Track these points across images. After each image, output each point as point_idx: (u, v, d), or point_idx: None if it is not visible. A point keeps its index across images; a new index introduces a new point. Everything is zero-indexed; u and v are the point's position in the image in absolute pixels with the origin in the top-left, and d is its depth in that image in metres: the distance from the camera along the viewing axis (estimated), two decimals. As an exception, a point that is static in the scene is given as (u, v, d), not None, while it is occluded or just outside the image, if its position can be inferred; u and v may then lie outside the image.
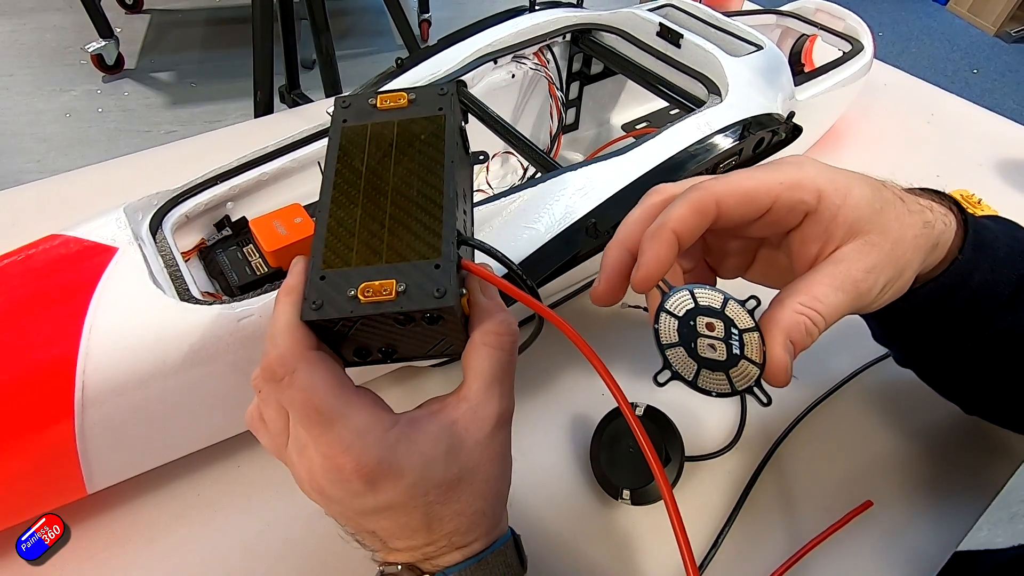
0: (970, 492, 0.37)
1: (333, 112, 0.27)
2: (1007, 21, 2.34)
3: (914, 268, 0.27)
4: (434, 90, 0.27)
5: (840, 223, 0.25)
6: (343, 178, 0.25)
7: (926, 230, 0.26)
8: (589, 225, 0.35)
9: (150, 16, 2.15)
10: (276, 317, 0.22)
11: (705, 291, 0.25)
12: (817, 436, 0.39)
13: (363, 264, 0.23)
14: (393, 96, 0.27)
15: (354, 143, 0.26)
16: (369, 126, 0.27)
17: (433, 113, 0.27)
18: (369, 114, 0.27)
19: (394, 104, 0.27)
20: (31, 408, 0.26)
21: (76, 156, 1.66)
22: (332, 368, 0.22)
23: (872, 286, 0.25)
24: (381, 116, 0.27)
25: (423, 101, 0.27)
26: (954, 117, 0.66)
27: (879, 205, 0.25)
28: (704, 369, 0.24)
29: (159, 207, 0.34)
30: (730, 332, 0.24)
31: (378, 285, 0.22)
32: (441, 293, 0.22)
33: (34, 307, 0.27)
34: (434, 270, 0.22)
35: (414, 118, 0.27)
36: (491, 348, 0.23)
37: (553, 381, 0.41)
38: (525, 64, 0.49)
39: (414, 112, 0.27)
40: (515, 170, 0.54)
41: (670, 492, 0.24)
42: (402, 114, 0.27)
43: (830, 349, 0.44)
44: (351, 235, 0.23)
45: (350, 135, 0.27)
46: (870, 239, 0.25)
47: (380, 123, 0.27)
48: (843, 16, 0.58)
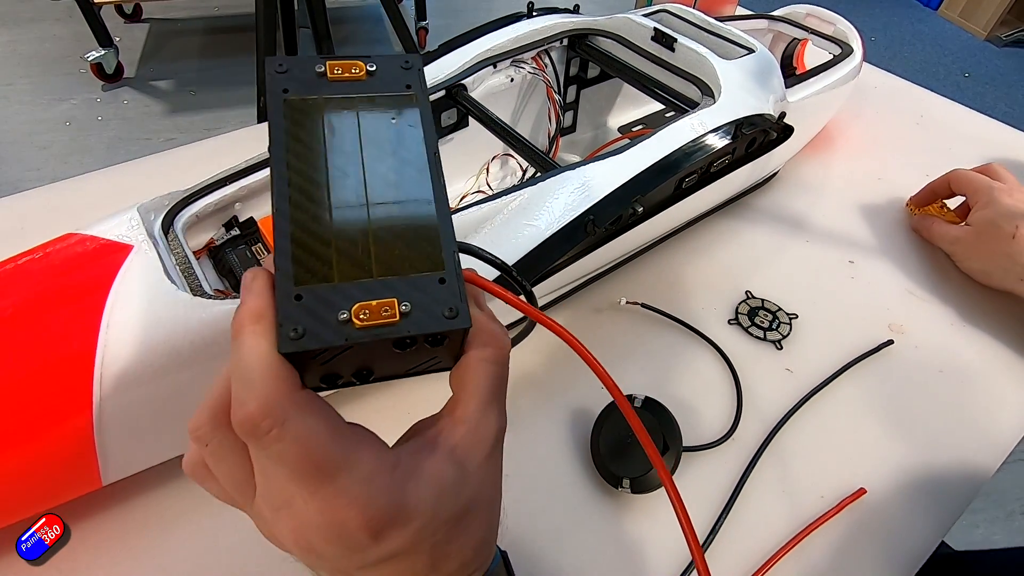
0: (961, 479, 0.38)
1: (267, 79, 0.22)
2: (997, 25, 2.38)
3: (1007, 287, 0.45)
4: (397, 62, 0.23)
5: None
6: (300, 172, 0.20)
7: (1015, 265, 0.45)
8: (588, 222, 0.36)
9: (149, 25, 2.16)
10: (243, 352, 0.18)
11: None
12: (812, 426, 0.40)
13: (349, 279, 0.19)
14: (345, 64, 0.22)
15: (304, 125, 0.21)
16: (323, 102, 0.22)
17: (401, 92, 0.23)
18: (317, 85, 0.22)
19: (349, 75, 0.22)
20: (51, 401, 0.27)
21: (76, 164, 1.67)
22: (324, 410, 0.19)
23: (952, 251, 0.48)
24: (334, 90, 0.22)
25: (385, 74, 0.23)
26: (943, 119, 0.68)
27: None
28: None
29: (171, 207, 0.35)
30: None
31: (376, 306, 0.18)
32: (453, 313, 0.19)
33: (54, 302, 0.28)
34: (439, 285, 0.19)
35: (377, 96, 0.22)
36: (489, 364, 0.21)
37: (553, 374, 0.42)
38: (524, 68, 0.50)
39: (375, 87, 0.22)
40: (514, 172, 0.55)
41: (669, 478, 0.24)
42: (361, 89, 0.22)
43: (825, 340, 0.45)
44: (324, 244, 0.19)
45: (298, 113, 0.21)
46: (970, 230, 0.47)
47: (336, 99, 0.22)
48: (833, 21, 0.60)
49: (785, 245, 0.52)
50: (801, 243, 0.52)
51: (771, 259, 0.51)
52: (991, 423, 0.41)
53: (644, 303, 0.46)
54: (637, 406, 0.37)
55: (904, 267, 0.51)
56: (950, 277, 0.50)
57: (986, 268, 0.47)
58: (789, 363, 0.43)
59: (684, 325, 0.45)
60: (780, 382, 0.42)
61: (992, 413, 0.41)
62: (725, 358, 0.43)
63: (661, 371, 0.43)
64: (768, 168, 0.55)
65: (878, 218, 0.55)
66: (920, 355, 0.44)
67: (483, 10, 2.39)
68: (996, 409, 0.41)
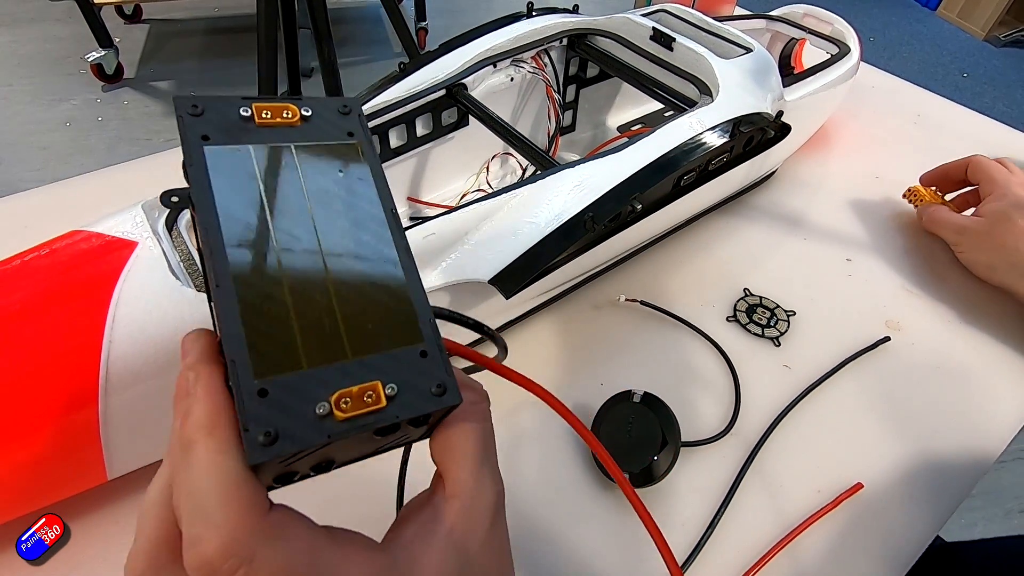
0: (957, 474, 0.38)
1: (180, 124, 0.18)
2: (995, 26, 2.38)
3: (1008, 284, 0.45)
4: (334, 105, 0.20)
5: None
6: (239, 240, 0.17)
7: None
8: (587, 219, 0.36)
9: (149, 26, 2.17)
10: (197, 474, 0.14)
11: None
12: (809, 421, 0.40)
13: (321, 363, 0.16)
14: (275, 108, 0.19)
15: (235, 181, 0.18)
16: (253, 152, 0.18)
17: (342, 140, 0.20)
18: (243, 132, 0.19)
19: (280, 120, 0.19)
20: (58, 395, 0.27)
21: (76, 164, 1.68)
22: (299, 528, 0.16)
23: (955, 242, 0.49)
24: (263, 137, 0.19)
25: (322, 120, 0.20)
26: (940, 118, 0.68)
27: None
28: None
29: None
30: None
31: (358, 392, 0.16)
32: (441, 389, 0.17)
33: (60, 298, 0.28)
34: (421, 359, 0.17)
35: (316, 145, 0.19)
36: (472, 424, 0.19)
37: (553, 372, 0.42)
38: (523, 68, 0.50)
39: (312, 135, 0.20)
40: (514, 170, 0.55)
41: (634, 493, 0.24)
42: (295, 136, 0.19)
43: (822, 337, 0.45)
44: (284, 324, 0.16)
45: (225, 166, 0.18)
46: (982, 220, 0.46)
47: (270, 149, 0.19)
48: (830, 20, 0.60)
49: (783, 243, 0.53)
50: (799, 241, 0.53)
51: (769, 257, 0.51)
52: (987, 419, 0.41)
53: (643, 300, 0.46)
54: (636, 401, 0.37)
55: (901, 265, 0.51)
56: (947, 275, 0.50)
57: (992, 261, 0.46)
58: (787, 359, 0.44)
59: (682, 322, 0.45)
60: (778, 378, 0.43)
61: (988, 409, 0.42)
62: (723, 354, 0.43)
63: (660, 367, 0.43)
64: (766, 166, 0.55)
65: (875, 216, 0.56)
66: (917, 352, 0.45)
67: (482, 10, 2.40)
68: (992, 405, 0.42)
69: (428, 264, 0.35)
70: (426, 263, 0.35)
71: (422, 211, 0.51)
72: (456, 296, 0.37)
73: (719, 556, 0.34)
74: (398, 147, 0.46)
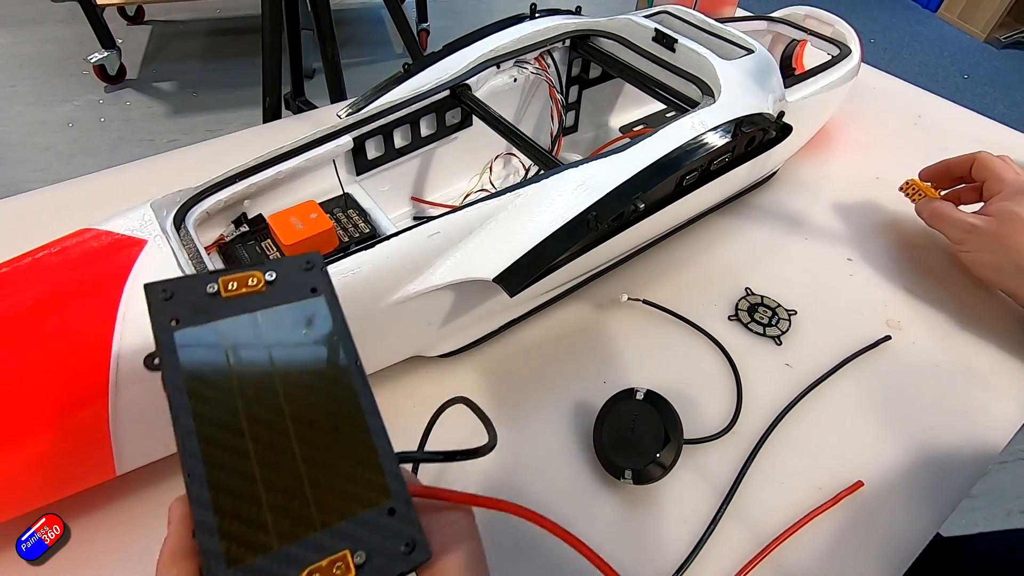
0: (956, 473, 0.38)
1: (151, 310, 0.20)
2: (996, 27, 2.39)
3: (1009, 289, 0.44)
4: (298, 264, 0.21)
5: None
6: (208, 420, 0.18)
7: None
8: (590, 218, 0.36)
9: (151, 27, 2.18)
10: None
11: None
12: (811, 419, 0.41)
13: (291, 541, 0.16)
14: (240, 278, 0.20)
15: (204, 359, 0.19)
16: (220, 328, 0.19)
17: (307, 298, 0.20)
18: (211, 308, 0.19)
19: (246, 289, 0.20)
20: (69, 389, 0.28)
21: (78, 165, 1.68)
22: None
23: (961, 239, 0.45)
24: (231, 309, 0.20)
25: (286, 280, 0.21)
26: (940, 119, 0.69)
27: None
28: None
29: (182, 204, 0.35)
30: None
31: (327, 565, 0.16)
32: (410, 546, 0.17)
33: (72, 294, 0.28)
34: (389, 517, 0.17)
35: (283, 308, 0.20)
36: (457, 552, 0.19)
37: (557, 372, 0.43)
38: (526, 69, 0.51)
39: (278, 297, 0.20)
40: (517, 170, 0.56)
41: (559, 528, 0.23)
42: (262, 302, 0.20)
43: (824, 336, 0.45)
44: (255, 504, 0.17)
45: (193, 346, 0.19)
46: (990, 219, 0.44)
47: (236, 321, 0.20)
48: (831, 22, 0.60)
49: (784, 243, 0.53)
50: (800, 241, 0.53)
51: (770, 256, 0.52)
52: (987, 418, 0.41)
53: (646, 299, 0.47)
54: (639, 399, 0.37)
55: (901, 265, 0.51)
56: (947, 275, 0.51)
57: (998, 263, 0.44)
58: (788, 358, 0.44)
59: (685, 321, 0.46)
60: (779, 377, 0.43)
61: (988, 408, 0.42)
62: (725, 353, 0.44)
63: (663, 366, 0.43)
64: (767, 167, 0.56)
65: (876, 216, 0.56)
66: (917, 351, 0.45)
67: (483, 11, 2.41)
68: (991, 404, 0.42)
69: (433, 263, 0.35)
70: (431, 262, 0.35)
71: (425, 211, 0.51)
72: (460, 294, 0.38)
73: (721, 552, 0.34)
74: (402, 147, 0.46)
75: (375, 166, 0.45)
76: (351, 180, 0.45)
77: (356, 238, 0.40)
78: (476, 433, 0.25)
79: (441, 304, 0.37)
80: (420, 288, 0.35)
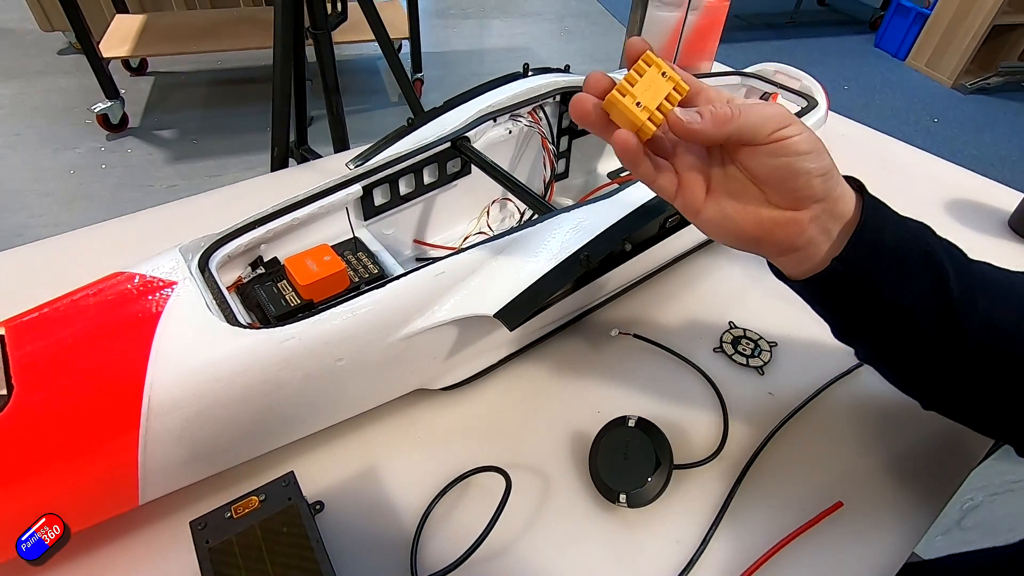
0: (930, 493, 0.41)
1: (193, 538, 0.31)
2: (962, 74, 2.52)
3: (837, 177, 0.30)
4: (280, 483, 0.33)
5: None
6: None
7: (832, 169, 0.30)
8: (583, 258, 0.40)
9: (154, 78, 2.25)
10: None
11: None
12: (793, 444, 0.43)
13: None
14: (245, 503, 0.32)
15: (225, 561, 0.30)
16: (234, 539, 0.30)
17: (285, 505, 0.31)
18: (228, 527, 0.31)
19: (248, 509, 0.31)
20: (102, 427, 0.30)
21: (79, 211, 1.71)
22: None
23: (789, 117, 0.29)
24: (240, 524, 0.31)
25: (273, 497, 0.32)
26: (905, 163, 0.74)
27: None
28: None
29: (206, 248, 0.38)
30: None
31: None
32: None
33: (109, 332, 0.31)
34: None
35: (270, 515, 0.31)
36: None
37: (554, 402, 0.45)
38: (521, 122, 0.55)
39: (268, 509, 0.31)
40: (512, 214, 0.59)
41: None
42: (258, 515, 0.31)
43: (803, 365, 0.48)
44: None
45: (219, 554, 0.30)
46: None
47: (243, 531, 0.31)
48: (799, 77, 0.66)
49: (764, 278, 0.56)
50: (778, 277, 0.57)
51: (752, 291, 0.55)
52: (958, 436, 0.44)
53: (636, 333, 0.49)
54: (631, 425, 0.40)
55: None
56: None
57: (825, 163, 0.30)
58: (771, 387, 0.47)
59: (673, 353, 0.49)
60: (763, 404, 0.46)
61: (958, 428, 0.44)
62: (712, 383, 0.47)
63: (652, 396, 0.46)
64: (746, 209, 0.60)
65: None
66: (890, 378, 0.48)
67: (475, 62, 2.51)
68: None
69: (438, 300, 0.38)
70: (436, 299, 0.38)
71: (427, 252, 0.55)
72: (463, 329, 0.41)
73: (712, 571, 0.36)
74: (407, 194, 0.50)
75: (382, 211, 0.49)
76: (360, 224, 0.48)
77: (366, 278, 0.43)
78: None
79: (445, 339, 0.40)
80: (426, 324, 0.38)
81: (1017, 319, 0.32)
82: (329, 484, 0.39)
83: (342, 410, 0.40)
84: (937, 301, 0.31)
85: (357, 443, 0.42)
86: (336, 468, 0.40)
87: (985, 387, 0.33)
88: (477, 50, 2.61)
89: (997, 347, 0.32)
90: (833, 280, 0.32)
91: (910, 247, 0.31)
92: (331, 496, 0.38)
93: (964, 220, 0.65)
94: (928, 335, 0.32)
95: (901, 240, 0.31)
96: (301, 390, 0.35)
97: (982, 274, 0.33)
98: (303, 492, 0.33)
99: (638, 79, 0.28)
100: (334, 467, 0.40)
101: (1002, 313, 0.32)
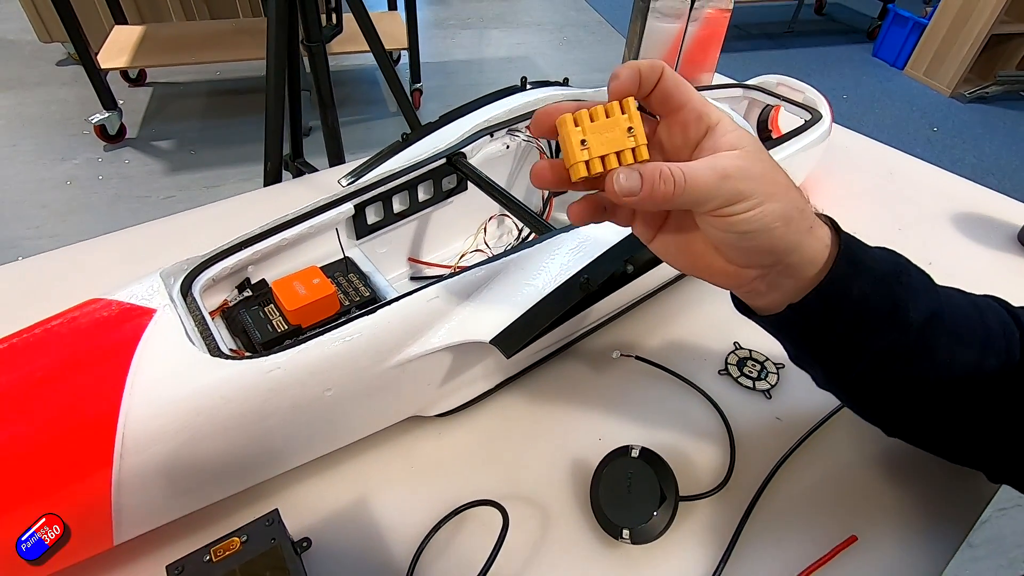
0: (948, 524, 0.39)
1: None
2: (960, 83, 2.52)
3: (794, 243, 0.27)
4: (262, 523, 0.31)
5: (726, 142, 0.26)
6: None
7: (805, 209, 0.28)
8: (582, 281, 0.38)
9: (153, 88, 2.24)
10: None
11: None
12: (804, 473, 0.41)
13: None
14: (225, 545, 0.30)
15: None
16: None
17: (268, 546, 0.30)
18: (207, 571, 0.29)
19: (229, 551, 0.29)
20: (74, 459, 0.28)
21: (75, 222, 1.70)
22: None
23: (741, 191, 0.26)
24: (220, 568, 0.29)
25: (255, 537, 0.30)
26: (910, 174, 0.72)
27: (762, 157, 0.27)
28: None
29: (189, 271, 0.37)
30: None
31: None
32: None
33: (81, 364, 0.29)
34: None
35: (253, 558, 0.29)
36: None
37: (553, 429, 0.43)
38: (518, 136, 0.54)
39: (250, 551, 0.29)
40: (509, 231, 0.58)
41: None
42: (239, 559, 0.29)
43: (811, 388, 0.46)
44: None
45: None
46: (747, 153, 0.26)
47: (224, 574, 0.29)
48: (802, 89, 0.64)
49: (769, 297, 0.55)
50: (784, 295, 0.55)
51: (756, 311, 0.53)
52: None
53: (638, 355, 0.48)
54: (634, 456, 0.38)
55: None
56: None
57: (784, 208, 0.27)
58: (778, 411, 0.45)
59: (676, 376, 0.47)
60: (771, 430, 0.44)
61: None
62: (717, 408, 0.45)
63: (655, 421, 0.44)
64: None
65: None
66: (902, 402, 0.46)
67: (474, 72, 2.51)
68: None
69: (432, 326, 0.36)
70: (430, 325, 0.36)
71: (422, 271, 0.53)
72: (458, 355, 0.39)
73: (721, 612, 0.34)
74: (401, 211, 0.48)
75: (375, 230, 0.47)
76: (351, 244, 0.47)
77: (357, 301, 0.41)
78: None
79: (440, 365, 0.39)
80: (420, 351, 0.36)
81: (978, 359, 0.31)
82: (317, 518, 0.37)
83: (331, 441, 0.38)
84: (896, 354, 0.30)
85: (346, 473, 0.40)
86: (324, 500, 0.38)
87: (945, 420, 0.33)
88: (476, 60, 2.60)
89: (956, 386, 0.31)
90: (785, 321, 0.31)
91: (877, 303, 0.29)
92: (319, 531, 0.36)
93: (972, 234, 0.64)
94: (885, 376, 0.31)
95: (868, 294, 0.29)
96: (287, 421, 0.33)
97: (950, 312, 0.31)
98: (288, 528, 0.32)
99: (603, 119, 0.26)
100: (322, 499, 0.38)
101: (963, 356, 0.31)
